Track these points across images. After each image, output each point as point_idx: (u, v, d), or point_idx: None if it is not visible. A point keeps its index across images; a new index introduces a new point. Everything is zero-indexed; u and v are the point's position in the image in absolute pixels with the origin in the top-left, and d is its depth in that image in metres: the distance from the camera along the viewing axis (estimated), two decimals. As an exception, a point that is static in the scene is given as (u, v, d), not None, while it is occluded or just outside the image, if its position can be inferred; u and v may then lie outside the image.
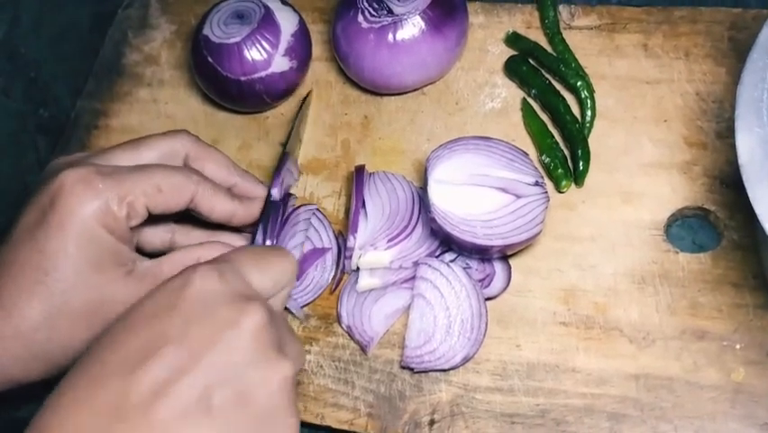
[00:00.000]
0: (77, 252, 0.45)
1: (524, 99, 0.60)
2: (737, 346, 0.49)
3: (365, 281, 0.55)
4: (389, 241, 0.55)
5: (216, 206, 0.51)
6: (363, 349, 0.54)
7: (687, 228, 0.55)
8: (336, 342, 0.55)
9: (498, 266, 0.54)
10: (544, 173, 0.56)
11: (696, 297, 0.51)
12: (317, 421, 0.52)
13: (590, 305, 0.53)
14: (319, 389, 0.53)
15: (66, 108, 0.70)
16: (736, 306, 0.51)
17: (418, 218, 0.56)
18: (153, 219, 0.50)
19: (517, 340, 0.52)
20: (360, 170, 0.58)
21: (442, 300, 0.52)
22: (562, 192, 0.56)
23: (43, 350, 0.46)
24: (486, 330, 0.52)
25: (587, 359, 0.51)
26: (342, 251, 0.56)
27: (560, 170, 0.56)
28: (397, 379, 0.53)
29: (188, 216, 0.53)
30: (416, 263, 0.54)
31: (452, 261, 0.54)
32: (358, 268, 0.56)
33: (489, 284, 0.54)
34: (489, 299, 0.53)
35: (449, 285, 0.53)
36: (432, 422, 0.51)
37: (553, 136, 0.58)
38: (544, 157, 0.57)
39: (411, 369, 0.52)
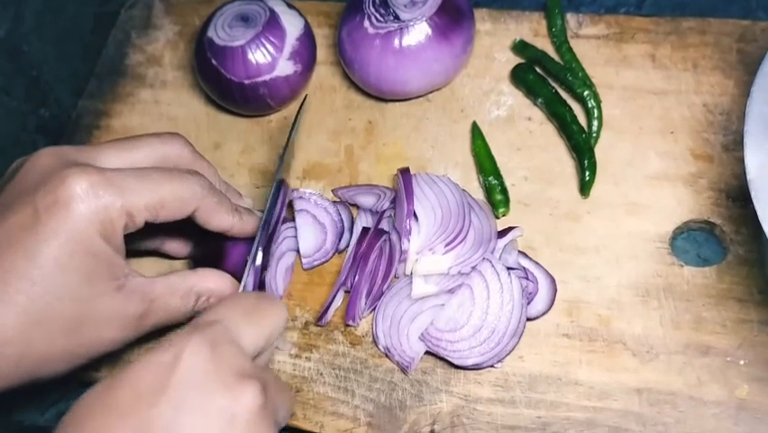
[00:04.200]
0: (71, 262, 0.42)
1: (474, 123, 0.60)
2: (741, 362, 0.49)
3: (420, 289, 0.53)
4: (447, 245, 0.54)
5: (215, 220, 0.50)
6: (404, 370, 0.52)
7: (692, 241, 0.54)
8: (336, 349, 0.54)
9: (544, 288, 0.53)
10: (484, 195, 0.57)
11: (700, 311, 0.51)
12: (316, 430, 0.52)
13: (594, 317, 0.52)
14: (319, 397, 0.53)
15: (67, 108, 0.69)
16: (740, 321, 0.50)
17: (470, 222, 0.54)
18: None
19: (520, 351, 0.52)
20: (405, 171, 0.56)
21: (485, 303, 0.51)
22: (499, 217, 0.56)
23: (15, 364, 0.42)
24: (511, 351, 0.51)
25: (590, 372, 0.51)
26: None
27: (498, 196, 0.56)
28: (397, 388, 0.52)
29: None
30: (474, 268, 0.53)
31: (510, 269, 0.52)
32: (396, 276, 0.55)
33: (528, 303, 0.52)
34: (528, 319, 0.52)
35: (500, 292, 0.51)
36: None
37: (495, 162, 0.58)
38: (487, 179, 0.57)
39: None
